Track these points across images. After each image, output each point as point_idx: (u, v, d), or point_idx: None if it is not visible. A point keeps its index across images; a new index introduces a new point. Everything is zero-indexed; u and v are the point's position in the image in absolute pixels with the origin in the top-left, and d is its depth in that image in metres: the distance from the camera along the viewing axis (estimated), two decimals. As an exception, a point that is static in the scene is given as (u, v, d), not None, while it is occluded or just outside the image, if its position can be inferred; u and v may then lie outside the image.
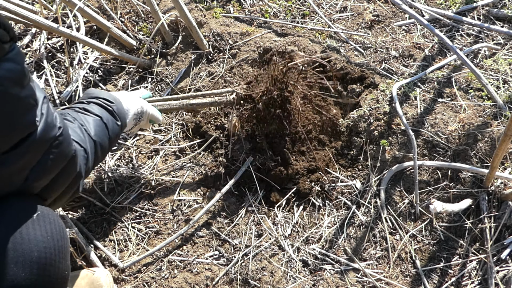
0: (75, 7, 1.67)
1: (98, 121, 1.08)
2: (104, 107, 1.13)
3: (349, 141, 1.67)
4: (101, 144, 1.06)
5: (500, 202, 1.39)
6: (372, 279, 1.33)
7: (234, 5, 2.12)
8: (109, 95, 1.18)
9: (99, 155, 1.06)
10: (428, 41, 1.87)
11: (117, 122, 1.15)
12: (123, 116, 1.19)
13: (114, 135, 1.13)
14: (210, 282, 1.35)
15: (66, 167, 0.88)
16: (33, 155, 0.77)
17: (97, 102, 1.14)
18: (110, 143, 1.11)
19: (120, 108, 1.18)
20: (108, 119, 1.11)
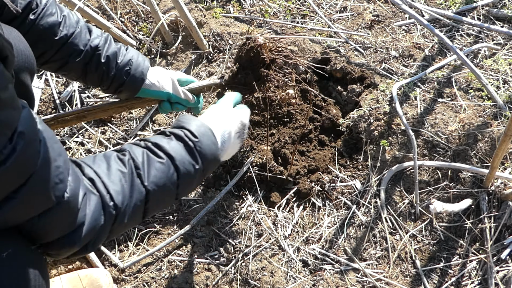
0: (75, 7, 1.67)
1: (165, 164, 0.85)
2: (183, 141, 0.89)
3: (349, 141, 1.67)
4: (160, 190, 0.84)
5: (500, 202, 1.39)
6: (372, 279, 1.33)
7: (234, 5, 2.12)
8: (197, 127, 0.92)
9: (152, 203, 0.84)
10: (428, 41, 1.87)
11: (195, 165, 0.89)
12: (210, 152, 0.92)
13: (188, 178, 0.89)
14: (210, 282, 1.35)
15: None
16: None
17: (180, 134, 0.90)
18: (181, 187, 0.88)
19: (206, 144, 0.91)
20: (184, 162, 0.87)
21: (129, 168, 0.82)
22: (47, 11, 1.04)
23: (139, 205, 0.82)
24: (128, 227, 0.85)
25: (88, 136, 1.74)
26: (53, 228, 0.70)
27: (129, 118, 1.79)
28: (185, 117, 0.96)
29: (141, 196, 0.82)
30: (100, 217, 0.76)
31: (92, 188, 0.77)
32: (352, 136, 1.67)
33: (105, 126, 1.77)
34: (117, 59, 1.14)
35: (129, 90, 1.18)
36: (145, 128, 1.76)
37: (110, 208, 0.77)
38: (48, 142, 0.66)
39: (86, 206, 0.73)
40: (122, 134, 1.73)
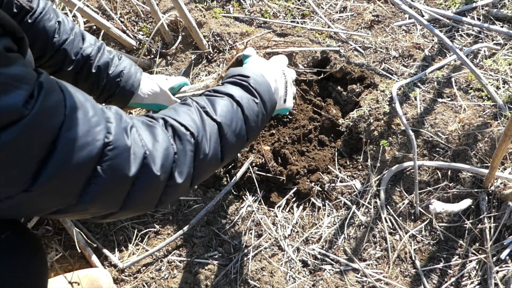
0: (74, 7, 1.67)
1: (227, 101, 0.89)
2: (238, 84, 0.95)
3: (349, 141, 1.67)
4: (230, 125, 0.87)
5: (500, 202, 1.39)
6: (372, 279, 1.33)
7: (234, 5, 2.12)
8: (244, 70, 0.99)
9: (228, 137, 0.86)
10: (428, 41, 1.87)
11: (255, 100, 0.93)
12: (264, 90, 0.97)
13: (252, 113, 0.92)
14: (210, 282, 1.35)
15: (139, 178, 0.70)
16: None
17: (231, 80, 0.96)
18: (248, 123, 0.91)
19: (258, 81, 0.97)
20: (242, 97, 0.92)
21: (194, 107, 0.85)
22: (45, 15, 1.03)
23: (216, 139, 0.84)
24: (211, 166, 0.85)
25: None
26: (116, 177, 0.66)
27: (129, 118, 1.79)
28: (232, 69, 1.01)
29: (215, 129, 0.84)
30: (169, 145, 0.75)
31: (152, 122, 0.77)
32: (352, 136, 1.67)
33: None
34: (109, 70, 1.13)
35: (118, 102, 1.17)
36: (145, 128, 1.76)
37: (187, 136, 0.78)
38: (70, 90, 0.64)
39: (142, 138, 0.71)
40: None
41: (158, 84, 1.22)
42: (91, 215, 0.72)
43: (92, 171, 0.64)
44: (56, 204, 0.64)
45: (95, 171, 0.64)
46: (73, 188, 0.64)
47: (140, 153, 0.69)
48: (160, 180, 0.72)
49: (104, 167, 0.64)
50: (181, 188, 0.77)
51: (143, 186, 0.71)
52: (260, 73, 1.00)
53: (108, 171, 0.65)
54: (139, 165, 0.69)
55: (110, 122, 0.67)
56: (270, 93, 0.99)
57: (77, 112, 0.63)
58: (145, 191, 0.72)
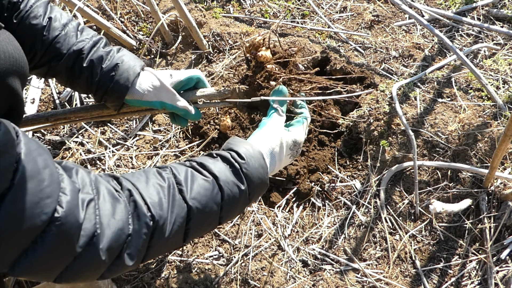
0: (74, 7, 1.67)
1: (209, 182, 0.82)
2: (229, 162, 0.86)
3: (349, 141, 1.67)
4: (203, 210, 0.80)
5: (499, 202, 1.39)
6: (372, 279, 1.33)
7: (234, 5, 2.12)
8: (245, 150, 0.88)
9: (196, 221, 0.80)
10: (428, 41, 1.87)
11: (240, 187, 0.85)
12: (257, 175, 0.88)
13: (232, 201, 0.84)
14: (210, 283, 1.35)
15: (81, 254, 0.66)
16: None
17: (226, 156, 0.87)
18: (224, 210, 0.84)
19: (253, 166, 0.87)
20: (228, 182, 0.83)
21: (168, 183, 0.78)
22: (31, 13, 0.98)
23: (181, 222, 0.77)
24: (169, 247, 0.79)
25: (88, 136, 1.74)
26: (57, 253, 0.63)
27: (129, 118, 1.79)
28: (235, 140, 0.93)
29: (183, 213, 0.78)
30: (126, 225, 0.71)
31: (118, 194, 0.73)
32: (352, 136, 1.67)
33: (104, 126, 1.77)
34: (102, 64, 1.03)
35: (114, 98, 1.06)
36: (145, 128, 1.76)
37: (146, 218, 0.73)
38: (30, 155, 0.60)
39: (97, 215, 0.67)
40: (122, 134, 1.73)
41: (159, 79, 1.10)
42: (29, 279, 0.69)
43: (32, 242, 0.60)
44: None
45: (35, 243, 0.60)
46: (6, 257, 0.60)
47: (91, 231, 0.66)
48: (104, 261, 0.68)
49: (46, 240, 0.60)
50: (128, 268, 0.74)
51: (85, 264, 0.67)
52: (260, 153, 0.90)
53: (48, 245, 0.61)
54: (85, 243, 0.65)
55: (65, 194, 0.63)
56: (262, 179, 0.89)
57: (30, 181, 0.58)
58: (85, 269, 0.68)
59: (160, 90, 1.09)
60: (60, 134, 1.77)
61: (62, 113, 1.21)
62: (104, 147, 1.70)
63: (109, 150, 1.69)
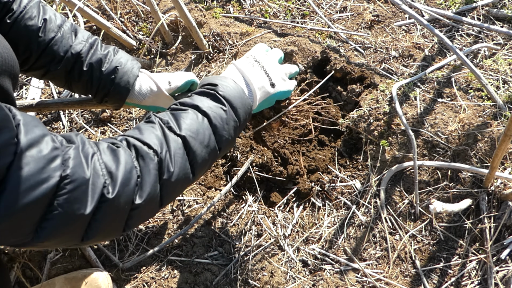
0: (74, 7, 1.67)
1: (191, 113, 0.86)
2: (205, 93, 0.91)
3: (349, 141, 1.67)
4: (196, 137, 0.83)
5: (500, 202, 1.39)
6: (372, 279, 1.33)
7: (234, 5, 2.12)
8: (213, 77, 0.94)
9: (195, 150, 0.83)
10: (428, 41, 1.87)
11: (223, 107, 0.89)
12: (235, 96, 0.92)
13: (222, 122, 0.88)
14: (210, 282, 1.35)
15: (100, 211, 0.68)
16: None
17: (199, 90, 0.93)
18: (218, 132, 0.87)
19: (227, 88, 0.92)
20: (210, 106, 0.88)
21: (158, 124, 0.83)
22: (25, 14, 0.97)
23: (181, 154, 0.81)
24: (180, 182, 0.81)
25: (87, 136, 1.74)
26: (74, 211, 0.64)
27: (129, 118, 1.79)
28: (204, 78, 0.98)
29: (179, 144, 0.81)
30: (132, 167, 0.73)
31: (115, 145, 0.75)
32: (352, 136, 1.67)
33: (105, 126, 1.77)
34: (102, 67, 1.05)
35: (114, 101, 1.09)
36: (145, 128, 1.76)
37: (149, 155, 0.76)
38: (27, 126, 0.62)
39: (103, 166, 0.69)
40: (122, 134, 1.73)
41: (157, 85, 1.13)
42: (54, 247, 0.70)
43: (48, 206, 0.62)
44: (9, 241, 0.63)
45: (51, 205, 0.62)
46: (26, 227, 0.62)
47: (100, 183, 0.68)
48: (120, 206, 0.70)
49: (61, 201, 0.63)
50: (147, 208, 0.75)
51: (105, 216, 0.69)
52: (230, 79, 0.96)
53: (65, 205, 0.63)
54: (97, 196, 0.67)
55: (68, 154, 0.66)
56: (242, 98, 0.94)
57: (31, 149, 0.61)
58: (107, 220, 0.70)
59: (158, 96, 1.12)
60: (60, 134, 1.77)
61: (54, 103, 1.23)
62: (104, 147, 1.70)
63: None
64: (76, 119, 1.77)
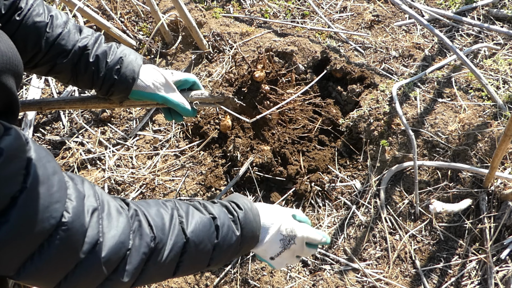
0: (75, 7, 1.67)
1: (207, 220, 0.85)
2: (228, 211, 0.90)
3: (349, 141, 1.67)
4: (198, 245, 0.82)
5: (500, 202, 1.39)
6: (372, 279, 1.33)
7: (234, 5, 2.12)
8: (244, 203, 0.92)
9: (190, 255, 0.82)
10: (428, 41, 1.87)
11: (235, 232, 0.87)
12: (249, 229, 0.90)
13: (225, 244, 0.86)
14: (210, 282, 1.35)
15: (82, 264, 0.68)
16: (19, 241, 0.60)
17: (225, 203, 0.92)
18: (216, 251, 0.86)
19: (249, 218, 0.90)
20: (224, 224, 0.86)
21: (171, 213, 0.81)
22: (33, 11, 1.00)
23: (177, 252, 0.79)
24: (160, 275, 0.80)
25: (88, 136, 1.74)
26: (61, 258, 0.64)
27: (129, 118, 1.79)
28: (236, 195, 0.96)
29: (180, 243, 0.80)
30: (127, 239, 0.72)
31: (122, 209, 0.74)
32: (352, 136, 1.67)
33: (105, 126, 1.77)
34: (107, 58, 1.08)
35: (121, 91, 1.11)
36: (145, 128, 1.76)
37: (148, 237, 0.75)
38: (40, 161, 0.62)
39: (100, 224, 0.69)
40: (122, 134, 1.73)
41: (163, 75, 1.17)
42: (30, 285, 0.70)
43: (39, 246, 0.62)
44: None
45: (41, 247, 0.62)
46: (14, 263, 0.62)
47: (94, 239, 0.67)
48: (103, 271, 0.69)
49: (52, 244, 0.62)
50: (120, 284, 0.74)
51: (85, 272, 0.68)
52: (257, 212, 0.93)
53: (54, 249, 0.63)
54: (88, 250, 0.67)
55: (71, 200, 0.65)
56: (254, 236, 0.92)
57: (41, 186, 0.61)
58: (85, 277, 0.69)
59: (163, 84, 1.16)
60: (60, 134, 1.77)
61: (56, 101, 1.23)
62: (104, 147, 1.70)
63: (109, 150, 1.69)
64: (76, 119, 1.77)
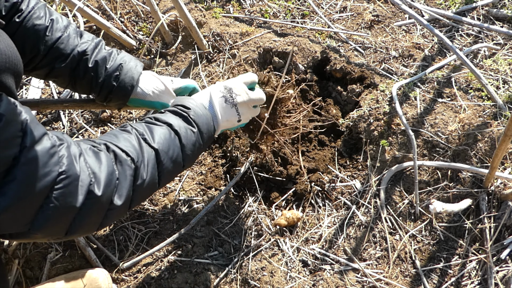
0: (74, 7, 1.67)
1: (165, 128, 0.94)
2: (178, 114, 1.00)
3: (349, 141, 1.67)
4: (167, 152, 0.92)
5: (500, 202, 1.39)
6: (372, 279, 1.33)
7: (234, 5, 2.12)
8: (189, 102, 1.03)
9: (164, 163, 0.92)
10: (428, 41, 1.87)
11: (192, 129, 0.99)
12: (203, 122, 1.02)
13: (189, 142, 0.97)
14: (210, 282, 1.35)
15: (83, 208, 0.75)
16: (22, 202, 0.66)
17: (173, 109, 1.01)
18: (184, 151, 0.97)
19: (198, 113, 1.02)
20: (181, 126, 0.97)
21: (134, 134, 0.90)
22: (34, 14, 1.01)
23: (153, 164, 0.89)
24: (149, 189, 0.89)
25: (88, 136, 1.74)
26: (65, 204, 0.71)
27: (129, 118, 1.79)
28: (179, 98, 1.07)
29: (152, 156, 0.89)
30: (113, 170, 0.80)
31: (97, 148, 0.82)
32: (352, 136, 1.67)
33: (105, 126, 1.77)
34: (106, 64, 1.09)
35: (119, 98, 1.12)
36: (145, 128, 1.76)
37: (127, 161, 0.83)
38: (32, 122, 0.68)
39: (88, 165, 0.76)
40: (122, 134, 1.73)
41: (163, 83, 1.19)
42: (42, 240, 0.78)
43: (45, 198, 0.68)
44: (8, 230, 0.68)
45: (48, 198, 0.68)
46: (26, 217, 0.68)
47: (87, 180, 0.74)
48: (103, 204, 0.78)
49: (56, 195, 0.69)
50: (120, 210, 0.82)
51: (88, 212, 0.75)
52: (202, 104, 1.05)
53: (59, 198, 0.70)
54: (85, 192, 0.74)
55: (61, 151, 0.72)
56: (208, 124, 1.04)
57: (37, 145, 0.67)
58: (89, 216, 0.76)
59: (163, 92, 1.17)
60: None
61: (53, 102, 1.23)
62: (104, 147, 1.70)
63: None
64: (76, 119, 1.77)
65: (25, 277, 1.37)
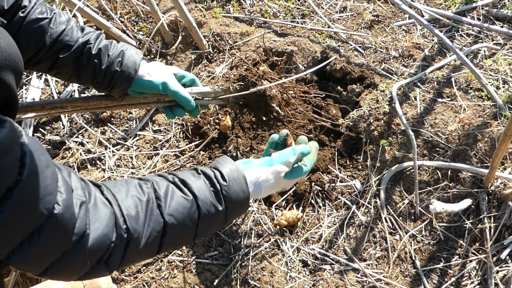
0: (74, 7, 1.67)
1: (187, 201, 0.85)
2: (212, 184, 0.89)
3: (349, 141, 1.67)
4: (179, 226, 0.83)
5: (500, 202, 1.39)
6: (372, 279, 1.33)
7: (234, 5, 2.12)
8: (230, 171, 0.92)
9: (170, 235, 0.83)
10: (428, 41, 1.87)
11: (218, 207, 0.88)
12: (235, 201, 0.91)
13: (208, 219, 0.87)
14: (210, 282, 1.35)
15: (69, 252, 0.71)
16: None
17: (209, 174, 0.90)
18: (199, 227, 0.87)
19: (233, 191, 0.90)
20: (206, 202, 0.86)
21: (148, 197, 0.82)
22: (36, 9, 1.04)
23: (156, 236, 0.81)
24: (143, 256, 0.83)
25: (88, 136, 1.74)
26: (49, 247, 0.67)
27: (129, 118, 1.79)
28: (223, 159, 0.96)
29: (159, 227, 0.81)
30: (111, 232, 0.74)
31: (105, 202, 0.76)
32: (352, 136, 1.67)
33: (105, 126, 1.77)
34: (109, 51, 1.12)
35: (123, 81, 1.12)
36: (145, 128, 1.76)
37: (121, 230, 0.76)
38: (34, 153, 0.64)
39: (87, 217, 0.72)
40: (122, 134, 1.73)
41: (160, 65, 1.22)
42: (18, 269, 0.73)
43: (30, 234, 0.65)
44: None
45: (32, 235, 0.65)
46: (8, 246, 0.64)
47: (82, 230, 0.70)
48: (87, 262, 0.73)
49: (42, 233, 0.65)
50: (104, 273, 0.78)
51: (71, 261, 0.71)
52: (243, 179, 0.93)
53: (44, 238, 0.66)
54: (75, 241, 0.70)
55: (61, 193, 0.68)
56: (242, 204, 0.93)
57: (35, 178, 0.63)
58: (70, 266, 0.72)
59: (164, 73, 1.18)
60: (60, 134, 1.77)
61: (59, 102, 1.23)
62: (104, 147, 1.70)
63: (109, 150, 1.69)
64: (76, 119, 1.77)
65: (25, 277, 1.37)
